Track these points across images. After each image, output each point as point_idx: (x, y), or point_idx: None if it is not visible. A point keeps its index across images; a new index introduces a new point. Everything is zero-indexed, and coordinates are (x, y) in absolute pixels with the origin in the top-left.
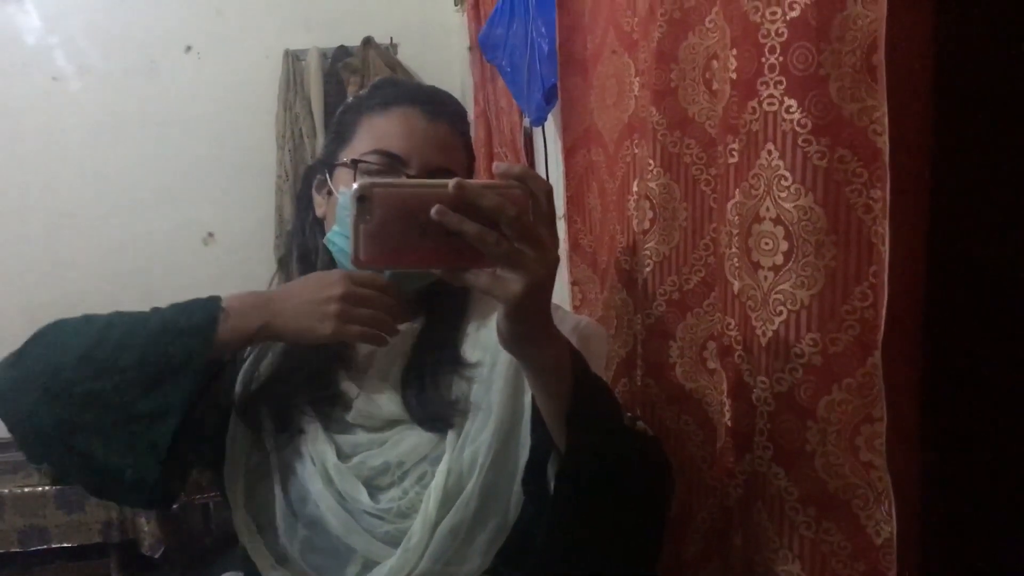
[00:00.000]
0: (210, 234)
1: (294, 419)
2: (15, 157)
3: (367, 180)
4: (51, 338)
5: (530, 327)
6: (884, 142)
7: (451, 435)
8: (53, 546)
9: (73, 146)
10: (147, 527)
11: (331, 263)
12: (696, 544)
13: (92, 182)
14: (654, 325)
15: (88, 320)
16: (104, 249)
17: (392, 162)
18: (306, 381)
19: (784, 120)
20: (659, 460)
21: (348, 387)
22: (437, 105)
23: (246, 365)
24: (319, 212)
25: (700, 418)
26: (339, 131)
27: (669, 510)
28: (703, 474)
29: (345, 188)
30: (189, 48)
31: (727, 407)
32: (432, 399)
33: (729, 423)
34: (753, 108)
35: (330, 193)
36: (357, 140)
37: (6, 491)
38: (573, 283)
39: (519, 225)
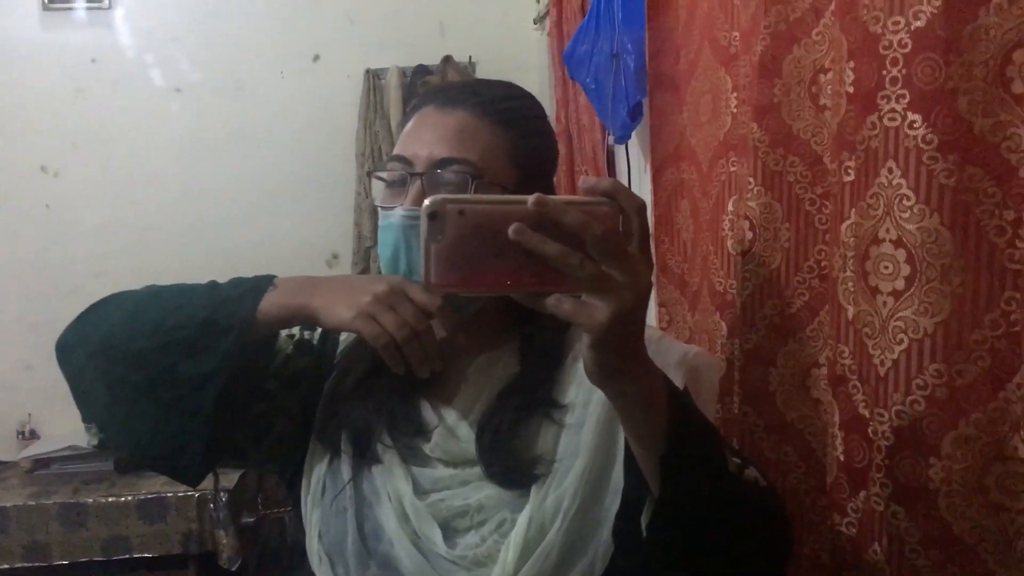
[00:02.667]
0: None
1: (372, 446)
2: (107, 171)
3: (439, 196)
4: (112, 301)
5: (618, 358)
6: (1020, 160)
7: (535, 483)
8: (135, 556)
9: (162, 162)
10: (226, 539)
11: None
12: None
13: (179, 197)
14: (752, 351)
15: (148, 288)
16: (186, 264)
17: (402, 166)
18: (386, 406)
19: (907, 136)
20: (771, 512)
21: (429, 416)
22: (456, 95)
23: (328, 384)
24: None
25: (802, 449)
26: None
27: (786, 562)
28: (804, 507)
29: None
30: (282, 73)
31: (839, 440)
32: (509, 452)
33: (841, 457)
34: (872, 123)
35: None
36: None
37: (91, 501)
38: (660, 305)
39: (606, 245)
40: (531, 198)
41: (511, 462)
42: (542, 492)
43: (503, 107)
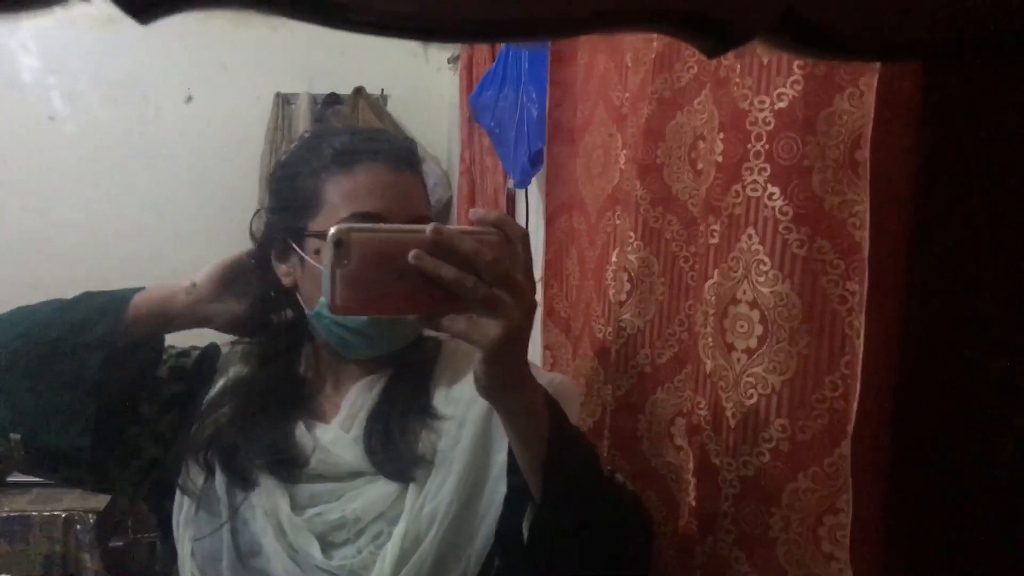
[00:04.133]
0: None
1: (248, 471)
2: (4, 187)
3: (344, 225)
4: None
5: (507, 373)
6: (863, 236)
7: (411, 492)
8: None
9: (60, 174)
10: (90, 563)
11: (300, 340)
12: None
13: (77, 211)
14: (624, 397)
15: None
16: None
17: (373, 223)
18: (262, 433)
19: (766, 206)
20: (639, 513)
21: (305, 440)
22: (398, 155)
23: (205, 405)
24: (286, 282)
25: (664, 495)
26: (296, 197)
27: (649, 564)
28: (664, 553)
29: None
30: (190, 99)
31: (692, 486)
32: (398, 448)
33: (693, 503)
34: (736, 192)
35: (302, 261)
36: (327, 206)
37: None
38: (546, 347)
39: (496, 270)
40: (429, 227)
41: (400, 452)
42: (418, 502)
43: (419, 165)
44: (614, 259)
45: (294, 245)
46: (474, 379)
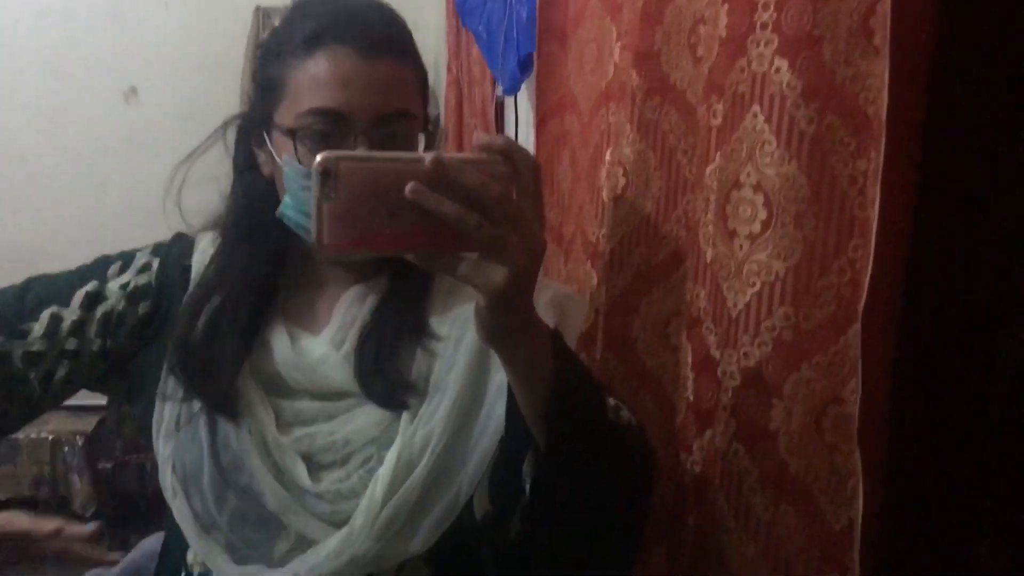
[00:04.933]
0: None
1: (229, 385)
2: None
3: (331, 153)
4: None
5: (511, 318)
6: (875, 111)
7: (405, 418)
8: None
9: (28, 89)
10: (79, 484)
11: (285, 236)
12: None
13: (48, 126)
14: (618, 299)
15: None
16: (55, 196)
17: (334, 122)
18: (244, 343)
19: (773, 82)
20: (643, 455)
21: (290, 353)
22: (373, 38)
23: (181, 312)
24: (266, 171)
25: (659, 397)
26: (266, 82)
27: (650, 502)
28: (659, 455)
29: (288, 156)
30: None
31: (690, 381)
32: (389, 374)
33: (691, 397)
34: (741, 68)
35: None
36: (289, 96)
37: None
38: None
39: (503, 207)
40: (428, 157)
41: (391, 380)
42: (411, 428)
43: (409, 52)
44: (608, 157)
45: (264, 134)
46: (475, 323)
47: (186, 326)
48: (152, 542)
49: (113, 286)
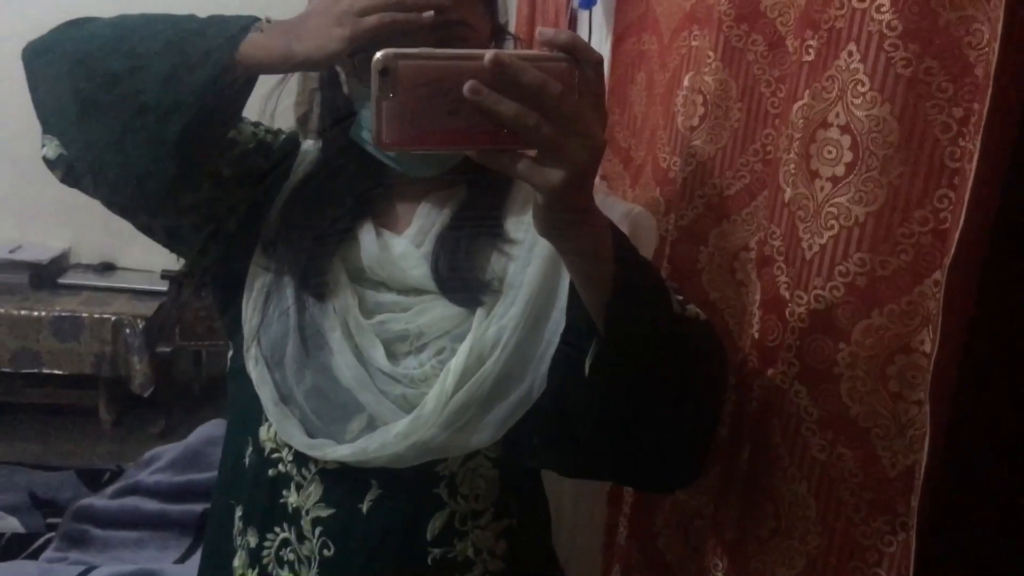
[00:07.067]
0: None
1: (320, 269)
2: None
3: (390, 50)
4: (91, 21)
5: (569, 215)
6: (977, 56)
7: (479, 314)
8: (44, 371)
9: None
10: (139, 365)
11: (360, 152)
12: None
13: None
14: (686, 227)
15: (122, 16)
16: None
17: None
18: (334, 235)
19: (873, 19)
20: (710, 346)
21: (374, 247)
22: None
23: (281, 195)
24: (345, 90)
25: (722, 329)
26: None
27: (724, 392)
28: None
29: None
30: None
31: (756, 318)
32: (465, 274)
33: (756, 335)
34: (840, 3)
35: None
36: None
37: (1, 311)
38: (602, 177)
39: (563, 106)
40: (487, 55)
41: (467, 278)
42: (484, 323)
43: None
44: (686, 83)
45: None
46: (533, 219)
47: (289, 207)
48: (209, 428)
49: (246, 127)
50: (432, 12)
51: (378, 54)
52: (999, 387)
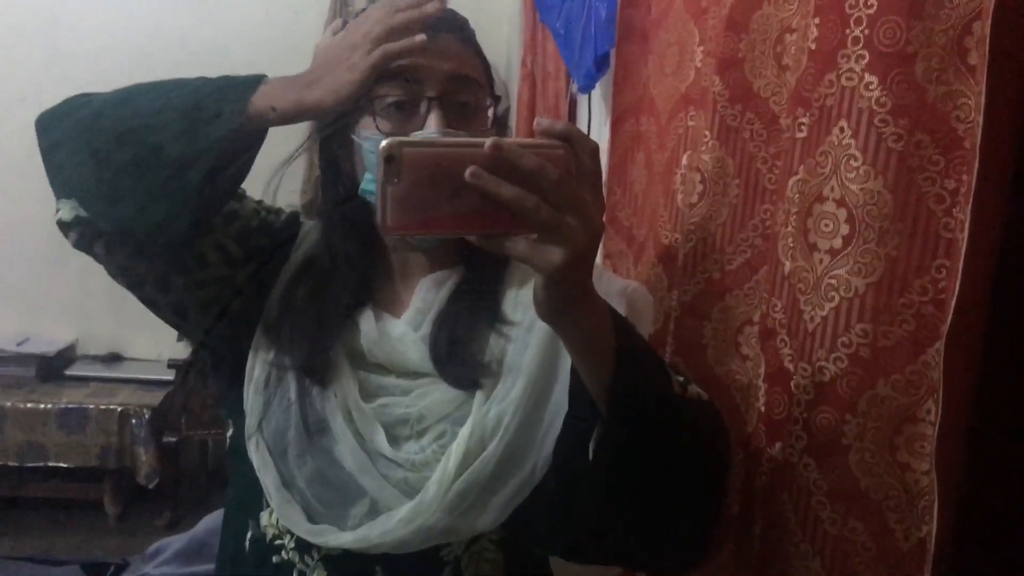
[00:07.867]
0: None
1: (320, 354)
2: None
3: (395, 139)
4: (99, 95)
5: (569, 298)
6: (966, 130)
7: (478, 397)
8: (50, 464)
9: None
10: (144, 456)
11: (367, 217)
12: None
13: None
14: (689, 303)
15: (137, 85)
16: None
17: (407, 88)
18: (334, 318)
19: (862, 97)
20: (714, 427)
21: (374, 331)
22: (438, 21)
23: (283, 277)
24: (347, 168)
25: (727, 403)
26: None
27: (728, 472)
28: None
29: (367, 132)
30: None
31: (762, 391)
32: (463, 356)
33: (762, 408)
34: (830, 81)
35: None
36: None
37: (8, 405)
38: (606, 256)
39: (561, 189)
40: (487, 141)
41: (464, 361)
42: (485, 406)
43: (466, 30)
44: (684, 161)
45: (345, 127)
46: (534, 302)
47: (290, 289)
48: (215, 518)
49: (249, 203)
50: (424, 36)
51: (383, 142)
52: (1012, 452)
